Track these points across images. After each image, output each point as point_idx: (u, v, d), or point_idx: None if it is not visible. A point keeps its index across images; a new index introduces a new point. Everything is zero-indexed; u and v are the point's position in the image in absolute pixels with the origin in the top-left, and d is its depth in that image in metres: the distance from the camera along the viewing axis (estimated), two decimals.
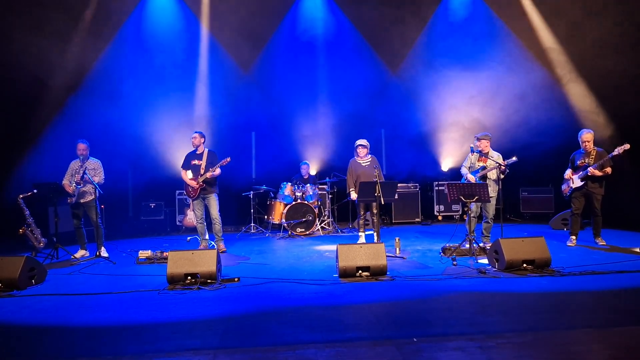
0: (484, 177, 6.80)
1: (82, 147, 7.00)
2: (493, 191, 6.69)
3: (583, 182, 6.68)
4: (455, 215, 10.46)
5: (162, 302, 4.41)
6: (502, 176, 6.64)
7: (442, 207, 10.60)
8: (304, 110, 10.48)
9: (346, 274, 5.11)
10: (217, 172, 7.07)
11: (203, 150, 7.25)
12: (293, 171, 9.96)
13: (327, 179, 9.63)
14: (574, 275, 4.98)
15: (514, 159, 6.49)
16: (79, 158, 7.03)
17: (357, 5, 10.27)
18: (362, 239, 7.26)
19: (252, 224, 9.48)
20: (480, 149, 6.84)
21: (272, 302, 4.36)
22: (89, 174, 6.78)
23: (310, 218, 8.82)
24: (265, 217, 9.47)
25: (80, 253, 7.04)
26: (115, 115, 9.10)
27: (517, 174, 8.12)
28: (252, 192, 9.42)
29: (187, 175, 7.19)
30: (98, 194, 6.81)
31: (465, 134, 10.36)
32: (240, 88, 10.34)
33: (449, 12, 10.57)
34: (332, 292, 4.67)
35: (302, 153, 10.59)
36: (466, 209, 6.58)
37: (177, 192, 9.88)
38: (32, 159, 8.48)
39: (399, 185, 9.08)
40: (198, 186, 7.04)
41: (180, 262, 5.00)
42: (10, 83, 8.14)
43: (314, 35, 10.40)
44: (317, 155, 10.72)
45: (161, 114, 9.68)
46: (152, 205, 9.98)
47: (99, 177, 7.00)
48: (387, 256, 5.23)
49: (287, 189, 8.99)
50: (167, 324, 3.79)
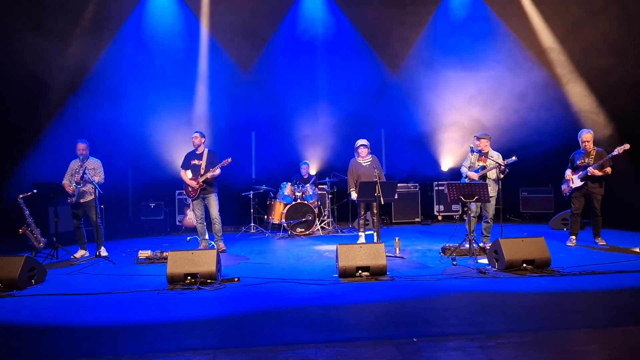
0: (483, 177, 6.81)
1: (81, 146, 7.01)
2: (493, 191, 6.69)
3: (583, 182, 6.68)
4: (455, 215, 10.46)
5: (162, 302, 4.41)
6: (502, 176, 6.65)
7: (442, 207, 10.60)
8: (304, 110, 10.48)
9: (346, 274, 5.11)
10: (217, 172, 7.08)
11: (203, 150, 7.25)
12: (293, 171, 9.96)
13: (327, 179, 9.63)
14: (573, 275, 4.98)
15: (514, 159, 6.50)
16: (79, 158, 7.04)
17: (357, 5, 10.27)
18: (362, 239, 7.26)
19: (252, 224, 9.48)
20: (480, 149, 6.84)
21: (272, 302, 4.37)
22: (88, 174, 6.78)
23: (310, 218, 8.82)
24: (265, 217, 9.47)
25: (80, 253, 7.04)
26: (115, 115, 9.10)
27: (517, 173, 8.12)
28: (252, 192, 9.42)
29: (186, 175, 7.19)
30: (98, 193, 6.82)
31: (465, 134, 10.36)
32: (240, 88, 10.34)
33: (449, 12, 10.57)
34: (332, 292, 4.67)
35: (302, 153, 10.59)
36: (466, 209, 6.58)
37: (177, 192, 9.89)
38: (32, 159, 8.47)
39: (398, 185, 9.09)
40: (198, 186, 7.04)
41: (180, 262, 5.00)
42: (10, 83, 8.14)
43: (314, 35, 10.40)
44: (317, 155, 10.71)
45: (161, 114, 9.68)
46: (152, 205, 9.98)
47: (98, 176, 7.00)
48: (387, 256, 5.23)
49: (287, 189, 8.99)
50: (167, 324, 3.80)
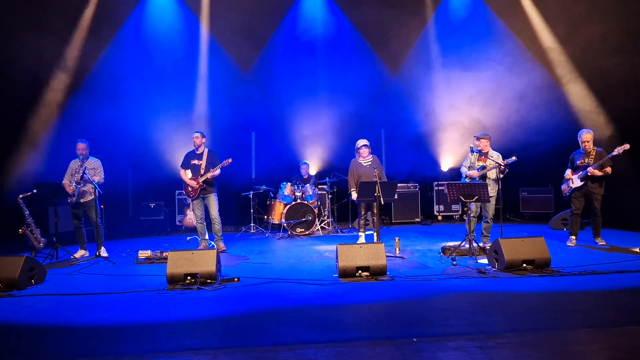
0: (483, 177, 6.81)
1: (81, 146, 7.01)
2: (493, 191, 6.69)
3: (583, 182, 6.68)
4: (455, 215, 10.46)
5: (162, 302, 4.41)
6: (502, 176, 6.65)
7: (441, 207, 10.60)
8: (304, 110, 10.47)
9: (346, 274, 5.11)
10: (217, 172, 7.08)
11: (203, 150, 7.25)
12: (293, 171, 9.96)
13: (327, 179, 9.63)
14: (573, 275, 4.98)
15: (514, 159, 6.49)
16: (79, 158, 7.04)
17: (357, 5, 10.27)
18: (362, 239, 7.26)
19: (252, 224, 9.48)
20: (480, 149, 6.84)
21: (272, 302, 4.37)
22: (88, 174, 6.78)
23: (310, 218, 8.82)
24: (265, 217, 9.47)
25: (80, 253, 7.04)
26: (115, 115, 9.10)
27: (517, 174, 8.12)
28: (251, 192, 9.42)
29: (186, 174, 7.19)
30: (98, 193, 6.82)
31: (465, 134, 10.36)
32: (240, 88, 10.34)
33: (449, 12, 10.58)
34: (332, 292, 4.67)
35: (302, 153, 10.59)
36: (466, 209, 6.58)
37: (177, 192, 9.89)
38: (32, 159, 8.47)
39: (398, 185, 9.09)
40: (198, 186, 7.04)
41: (180, 262, 5.00)
42: (11, 83, 8.14)
43: (314, 35, 10.40)
44: (317, 155, 10.71)
45: (161, 114, 9.68)
46: (152, 205, 9.98)
47: (98, 176, 7.00)
48: (386, 256, 5.23)
49: (287, 189, 8.99)
50: (167, 324, 3.80)
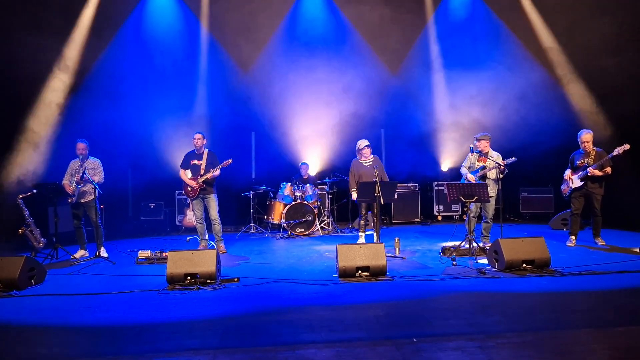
0: (483, 177, 6.81)
1: (81, 146, 7.00)
2: (492, 191, 6.69)
3: (582, 182, 6.68)
4: (455, 215, 10.45)
5: (162, 302, 4.41)
6: (501, 176, 6.64)
7: (441, 207, 10.60)
8: (304, 110, 10.47)
9: (346, 274, 5.11)
10: (217, 173, 7.07)
11: (203, 151, 7.25)
12: (293, 171, 9.96)
13: (327, 179, 9.63)
14: (573, 275, 4.98)
15: (514, 159, 6.50)
16: (79, 158, 7.03)
17: (357, 5, 10.27)
18: (362, 239, 7.26)
19: (252, 224, 9.48)
20: (480, 149, 6.84)
21: (272, 302, 4.37)
22: (88, 174, 6.78)
23: (310, 218, 8.82)
24: (265, 217, 9.47)
25: (80, 253, 7.04)
26: (116, 115, 9.09)
27: (517, 174, 8.11)
28: (251, 192, 9.42)
29: (186, 174, 7.19)
30: (98, 193, 6.81)
31: (465, 134, 10.36)
32: (240, 88, 10.34)
33: (449, 12, 10.59)
34: (331, 292, 4.67)
35: (302, 153, 10.59)
36: (466, 209, 6.58)
37: (177, 192, 9.88)
38: (32, 159, 8.47)
39: (398, 185, 9.08)
40: (197, 186, 7.04)
41: (179, 262, 5.00)
42: (11, 83, 8.14)
43: (314, 35, 10.40)
44: (317, 155, 10.71)
45: (161, 114, 9.68)
46: (152, 205, 9.98)
47: (98, 176, 7.00)
48: (386, 256, 5.23)
49: (287, 189, 8.99)
50: (167, 324, 3.79)
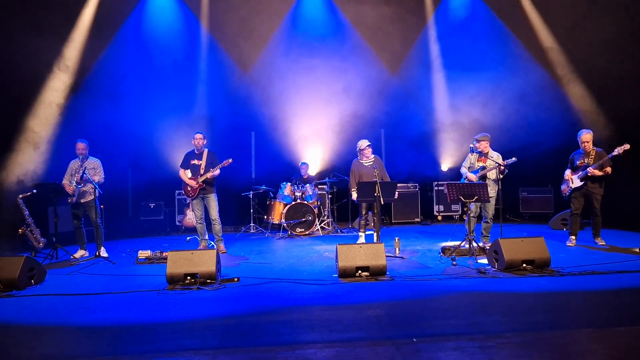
0: (483, 177, 6.80)
1: (81, 146, 7.00)
2: (492, 191, 6.69)
3: (582, 182, 6.68)
4: (455, 215, 10.46)
5: (162, 302, 4.41)
6: (502, 176, 6.64)
7: (441, 207, 10.60)
8: (304, 110, 10.47)
9: (346, 274, 5.11)
10: (217, 172, 7.07)
11: (203, 150, 7.25)
12: (293, 171, 9.96)
13: (327, 179, 9.63)
14: (573, 275, 4.98)
15: (514, 160, 6.49)
16: (79, 158, 7.03)
17: (357, 5, 10.27)
18: (362, 239, 7.26)
19: (252, 224, 9.48)
20: (479, 150, 6.84)
21: (271, 302, 4.37)
22: (88, 174, 6.78)
23: (310, 218, 8.82)
24: (265, 217, 9.47)
25: (80, 253, 7.04)
26: (115, 115, 9.09)
27: (517, 174, 8.12)
28: (251, 192, 9.42)
29: (185, 174, 7.18)
30: (98, 193, 6.81)
31: (465, 134, 10.36)
32: (240, 88, 10.34)
33: (449, 12, 10.59)
34: (331, 292, 4.67)
35: (301, 153, 10.59)
36: (466, 209, 6.58)
37: (177, 192, 9.88)
38: (32, 159, 8.47)
39: (398, 185, 9.08)
40: (197, 186, 7.04)
41: (179, 262, 5.00)
42: (11, 83, 8.13)
43: (314, 35, 10.40)
44: (317, 155, 10.71)
45: (161, 114, 9.68)
46: (152, 205, 9.98)
47: (98, 176, 7.00)
48: (386, 256, 5.23)
49: (287, 189, 8.99)
50: (167, 324, 3.79)
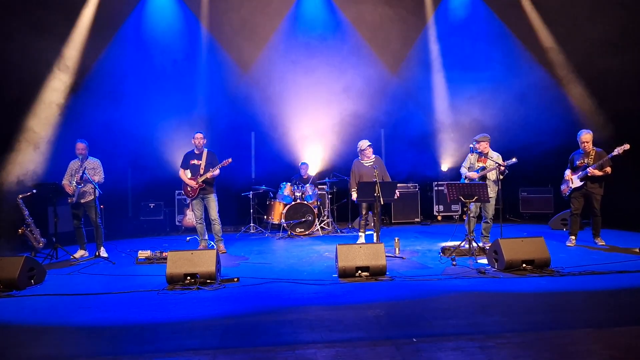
0: (483, 178, 6.80)
1: (80, 146, 7.00)
2: (492, 192, 6.69)
3: (582, 183, 6.68)
4: (455, 215, 10.46)
5: (162, 302, 4.41)
6: (502, 177, 6.63)
7: (441, 207, 10.60)
8: (304, 110, 10.47)
9: (346, 274, 5.11)
10: (217, 172, 7.07)
11: (202, 150, 7.24)
12: (292, 171, 9.96)
13: (327, 179, 9.63)
14: (573, 275, 4.98)
15: (514, 160, 6.48)
16: (78, 158, 7.03)
17: (357, 5, 10.27)
18: (362, 239, 7.26)
19: (252, 224, 9.48)
20: (479, 150, 6.83)
21: (271, 302, 4.36)
22: (88, 174, 6.78)
23: (310, 218, 8.82)
24: (265, 217, 9.47)
25: (80, 253, 7.03)
26: (115, 115, 9.09)
27: (517, 174, 8.12)
28: (251, 192, 9.42)
29: (185, 174, 7.18)
30: (98, 193, 6.81)
31: (465, 134, 10.35)
32: (240, 88, 10.34)
33: (449, 12, 10.59)
34: (331, 292, 4.67)
35: (301, 153, 10.59)
36: (465, 209, 6.58)
37: (177, 192, 9.88)
38: (32, 159, 8.47)
39: (398, 185, 9.08)
40: (197, 186, 7.04)
41: (179, 262, 5.00)
42: (11, 83, 8.13)
43: (314, 35, 10.40)
44: (317, 155, 10.71)
45: (161, 114, 9.67)
46: (152, 205, 9.97)
47: (98, 176, 7.00)
48: (386, 256, 5.23)
49: (287, 189, 8.99)
50: (167, 324, 3.79)
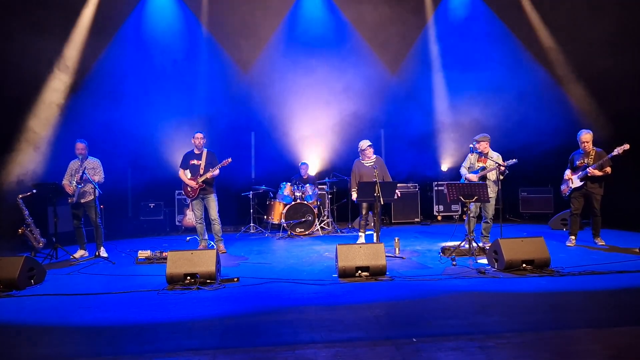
0: (483, 178, 6.80)
1: (80, 146, 7.00)
2: (492, 192, 6.68)
3: (582, 183, 6.67)
4: (455, 215, 10.46)
5: (162, 302, 4.41)
6: (502, 177, 6.62)
7: (441, 207, 10.60)
8: (304, 110, 10.47)
9: (345, 274, 5.11)
10: (216, 172, 7.07)
11: (202, 150, 7.24)
12: (292, 171, 9.96)
13: (327, 179, 9.63)
14: (573, 275, 4.98)
15: (514, 161, 6.48)
16: (78, 158, 7.03)
17: (357, 5, 10.27)
18: (362, 239, 7.26)
19: (252, 224, 9.48)
20: (479, 150, 6.83)
21: (271, 302, 4.36)
22: (88, 174, 6.78)
23: (310, 218, 8.82)
24: (265, 217, 9.47)
25: (80, 253, 7.04)
26: (115, 115, 9.10)
27: (517, 174, 8.12)
28: (251, 192, 9.42)
29: (185, 175, 7.18)
30: (98, 193, 6.81)
31: (465, 134, 10.34)
32: (240, 88, 10.34)
33: (449, 12, 10.59)
34: (331, 292, 4.67)
35: (301, 153, 10.59)
36: (465, 209, 6.58)
37: (177, 192, 9.88)
38: (32, 159, 8.47)
39: (398, 185, 9.08)
40: (197, 186, 7.04)
41: (179, 262, 5.00)
42: (11, 83, 8.14)
43: (314, 35, 10.40)
44: (317, 155, 10.71)
45: (161, 114, 9.68)
46: (152, 205, 9.97)
47: (98, 176, 7.00)
48: (386, 256, 5.23)
49: (287, 189, 8.99)
50: (167, 324, 3.79)
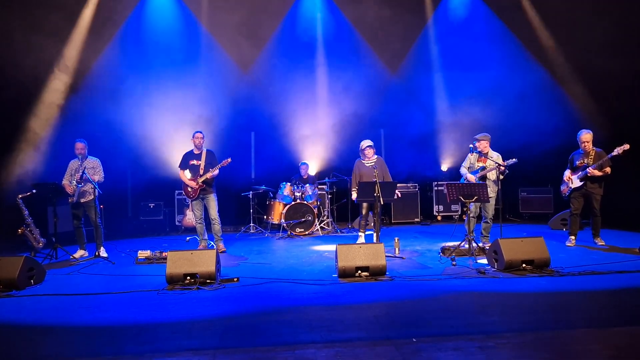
0: (483, 178, 6.80)
1: (80, 146, 7.00)
2: (492, 192, 6.68)
3: (582, 183, 6.67)
4: (455, 215, 10.46)
5: (161, 302, 4.41)
6: (502, 177, 6.62)
7: (441, 207, 10.60)
8: (304, 110, 10.47)
9: (345, 274, 5.11)
10: (216, 172, 7.07)
11: (202, 150, 7.24)
12: (292, 171, 9.96)
13: (327, 179, 9.63)
14: (573, 275, 4.98)
15: (514, 160, 6.48)
16: (78, 157, 7.03)
17: (357, 5, 10.26)
18: (362, 239, 7.26)
19: (252, 224, 9.48)
20: (479, 150, 6.83)
21: (271, 302, 4.37)
22: (88, 173, 6.77)
23: (310, 218, 8.82)
24: (265, 217, 9.47)
25: (80, 253, 7.03)
26: (115, 115, 9.10)
27: (517, 174, 8.12)
28: (251, 192, 9.42)
29: (185, 175, 7.18)
30: (98, 193, 6.81)
31: (465, 134, 10.32)
32: (240, 88, 10.34)
33: (449, 12, 10.60)
34: (331, 292, 4.67)
35: (301, 153, 10.59)
36: (465, 209, 6.58)
37: (177, 192, 9.88)
38: (32, 159, 8.47)
39: (398, 185, 9.09)
40: (197, 186, 7.04)
41: (179, 262, 5.00)
42: (11, 83, 8.14)
43: (313, 35, 10.41)
44: (316, 155, 10.70)
45: (161, 114, 9.67)
46: (152, 205, 9.97)
47: (98, 175, 7.00)
48: (386, 256, 5.24)
49: (287, 189, 8.99)
50: (167, 324, 3.79)
